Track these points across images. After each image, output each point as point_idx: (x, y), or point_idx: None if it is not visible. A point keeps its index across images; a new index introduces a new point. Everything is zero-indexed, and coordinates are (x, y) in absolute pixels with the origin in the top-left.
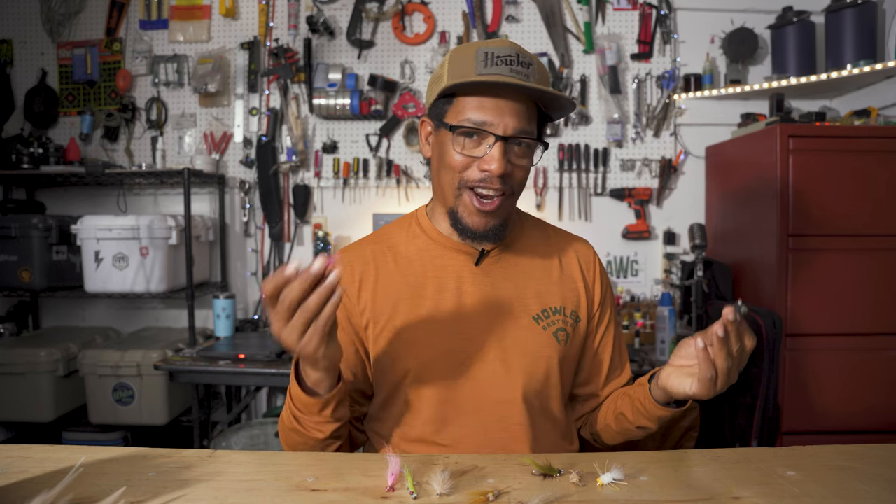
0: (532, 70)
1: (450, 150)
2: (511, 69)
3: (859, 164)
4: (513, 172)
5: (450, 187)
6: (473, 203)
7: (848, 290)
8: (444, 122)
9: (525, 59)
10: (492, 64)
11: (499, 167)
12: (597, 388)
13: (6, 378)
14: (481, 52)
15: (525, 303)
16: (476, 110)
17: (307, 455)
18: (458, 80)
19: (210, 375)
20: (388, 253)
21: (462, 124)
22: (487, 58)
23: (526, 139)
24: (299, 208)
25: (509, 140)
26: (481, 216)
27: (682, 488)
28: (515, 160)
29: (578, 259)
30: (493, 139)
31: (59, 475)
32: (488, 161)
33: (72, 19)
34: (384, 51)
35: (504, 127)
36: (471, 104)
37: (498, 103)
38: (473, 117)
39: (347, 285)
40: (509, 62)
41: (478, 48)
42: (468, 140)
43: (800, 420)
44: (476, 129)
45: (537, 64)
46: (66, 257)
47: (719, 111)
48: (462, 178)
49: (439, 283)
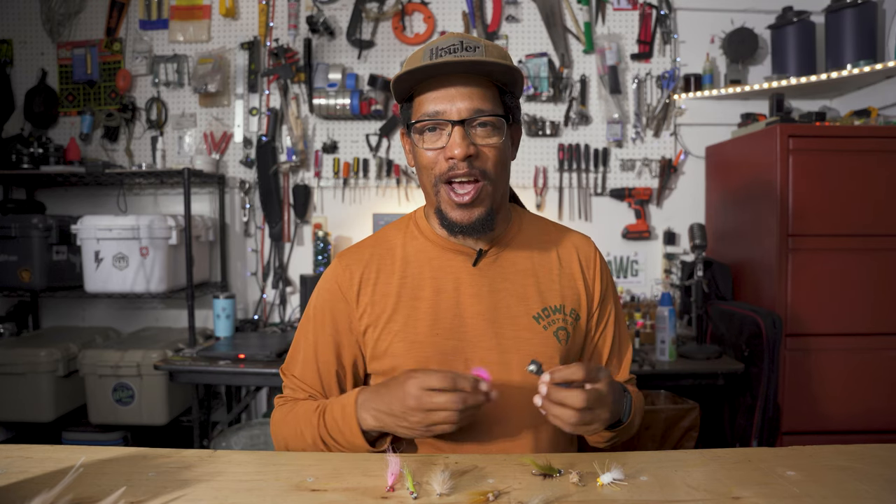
0: (479, 53)
1: (419, 149)
2: (455, 57)
3: (859, 164)
4: (480, 154)
5: (429, 186)
6: (451, 196)
7: (848, 290)
8: (409, 123)
9: (469, 44)
10: (436, 56)
11: (461, 151)
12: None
13: (6, 378)
14: (428, 50)
15: (525, 302)
16: (430, 103)
17: (307, 455)
18: (402, 73)
19: (210, 375)
20: (386, 255)
21: (420, 119)
22: (432, 53)
23: (484, 117)
24: (299, 208)
25: (466, 122)
26: (461, 209)
27: (682, 488)
28: (481, 141)
29: (578, 256)
30: (450, 126)
31: (59, 475)
32: (451, 147)
33: (72, 19)
34: (384, 51)
35: (458, 111)
36: (425, 99)
37: (448, 91)
38: (428, 109)
39: (346, 289)
40: (453, 51)
41: (426, 48)
42: (429, 134)
43: (800, 420)
44: (431, 119)
45: (485, 45)
46: (66, 257)
47: (719, 111)
48: (435, 175)
49: (437, 285)
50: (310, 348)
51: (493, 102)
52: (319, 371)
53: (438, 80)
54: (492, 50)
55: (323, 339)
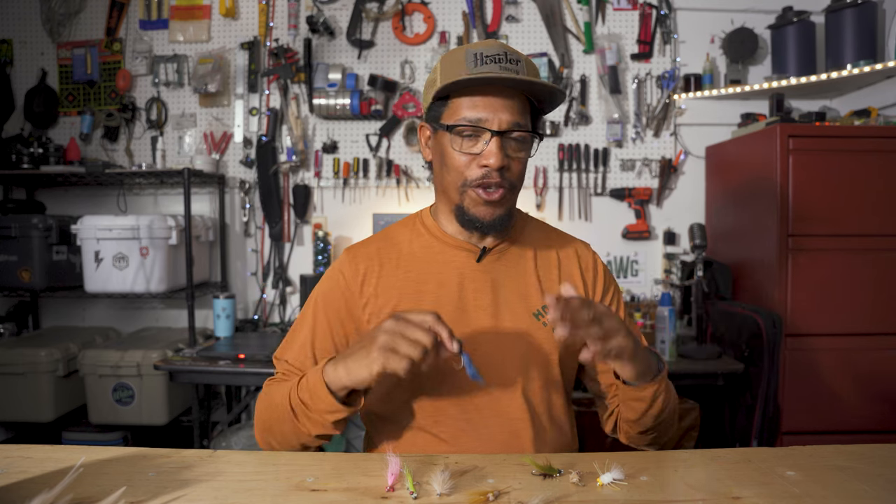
0: (521, 66)
1: (450, 150)
2: (500, 66)
3: (859, 164)
4: (510, 165)
5: (453, 186)
6: (480, 195)
7: (848, 290)
8: (441, 123)
9: (513, 57)
10: (481, 63)
11: (497, 160)
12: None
13: (6, 378)
14: (471, 53)
15: (526, 299)
16: (470, 109)
17: (307, 455)
18: (450, 80)
19: (210, 375)
20: (392, 250)
21: (458, 123)
22: (477, 58)
23: (521, 132)
24: (299, 208)
25: (504, 134)
26: (487, 206)
27: (682, 488)
28: (512, 153)
29: (579, 261)
30: (489, 135)
31: (59, 475)
32: (486, 156)
33: (72, 19)
34: (384, 51)
35: (499, 122)
36: (465, 103)
37: (490, 100)
38: (468, 115)
39: (351, 280)
40: (498, 60)
41: (467, 50)
42: (466, 139)
43: (800, 420)
44: (472, 126)
45: (525, 60)
46: (66, 257)
47: (719, 111)
48: (465, 178)
49: (441, 279)
50: (307, 334)
51: (527, 117)
52: (315, 357)
53: (482, 87)
54: (529, 65)
55: (322, 327)
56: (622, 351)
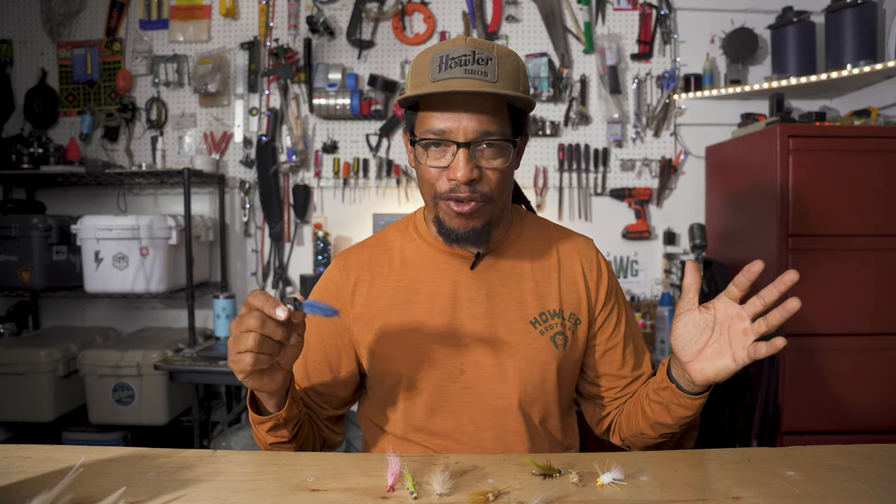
0: (491, 66)
1: (421, 162)
2: (466, 70)
3: (859, 165)
4: (483, 177)
5: (428, 197)
6: (451, 207)
7: (848, 290)
8: (413, 134)
9: (483, 55)
10: (446, 67)
11: (464, 174)
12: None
13: (6, 378)
14: (436, 57)
15: (521, 307)
16: (436, 120)
17: (307, 455)
18: (412, 92)
19: (210, 375)
20: (384, 257)
21: (424, 136)
22: (442, 62)
23: (493, 139)
24: (299, 208)
25: (472, 145)
26: (460, 218)
27: (682, 488)
28: (486, 163)
29: (581, 259)
30: (455, 147)
31: (59, 475)
32: (453, 169)
33: (72, 19)
34: (384, 51)
35: (464, 132)
36: (430, 114)
37: (454, 110)
38: (433, 127)
39: (342, 290)
40: (464, 62)
41: (433, 53)
42: (433, 150)
43: (800, 420)
44: (437, 139)
45: (500, 56)
46: (66, 257)
47: (719, 111)
48: (436, 191)
49: (433, 288)
50: None
51: (501, 122)
52: (307, 368)
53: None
54: (504, 60)
55: (315, 338)
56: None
